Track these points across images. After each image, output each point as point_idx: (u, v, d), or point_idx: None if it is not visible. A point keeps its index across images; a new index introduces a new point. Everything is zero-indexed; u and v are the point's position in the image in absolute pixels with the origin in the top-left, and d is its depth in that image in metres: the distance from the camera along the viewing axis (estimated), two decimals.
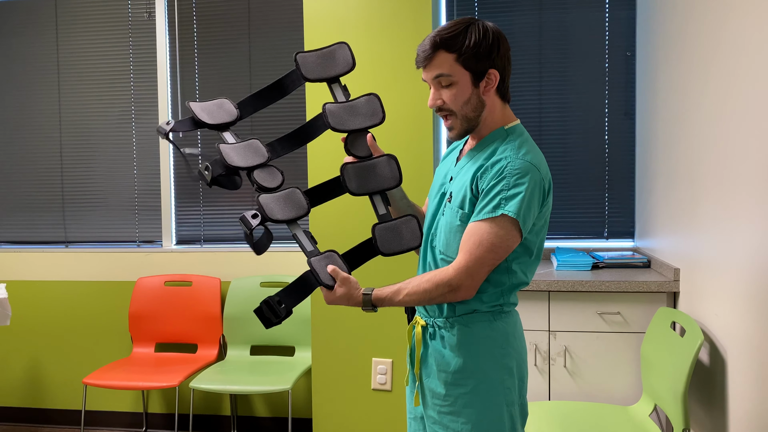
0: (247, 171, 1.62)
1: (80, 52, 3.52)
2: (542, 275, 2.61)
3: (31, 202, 3.61)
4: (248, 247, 3.36)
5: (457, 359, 1.50)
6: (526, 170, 1.41)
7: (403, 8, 2.58)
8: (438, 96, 1.48)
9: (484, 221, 1.41)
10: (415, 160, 2.58)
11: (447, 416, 1.51)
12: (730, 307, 1.93)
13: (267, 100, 1.73)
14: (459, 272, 1.42)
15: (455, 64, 1.44)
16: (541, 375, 2.56)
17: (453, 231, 1.49)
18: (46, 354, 3.53)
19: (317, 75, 1.68)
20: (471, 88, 1.46)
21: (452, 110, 1.48)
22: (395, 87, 2.61)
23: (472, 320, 1.50)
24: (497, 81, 1.47)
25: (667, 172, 2.55)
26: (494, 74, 1.46)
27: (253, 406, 3.34)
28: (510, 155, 1.43)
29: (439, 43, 1.44)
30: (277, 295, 1.53)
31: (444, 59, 1.45)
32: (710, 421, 2.09)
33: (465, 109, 1.47)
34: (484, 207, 1.42)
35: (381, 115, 1.66)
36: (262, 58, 3.34)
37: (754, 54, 1.76)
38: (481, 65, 1.45)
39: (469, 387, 1.49)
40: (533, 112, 3.17)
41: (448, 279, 1.43)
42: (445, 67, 1.45)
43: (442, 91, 1.47)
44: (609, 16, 3.11)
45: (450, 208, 1.51)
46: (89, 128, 3.54)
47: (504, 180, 1.40)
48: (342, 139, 1.66)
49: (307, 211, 1.60)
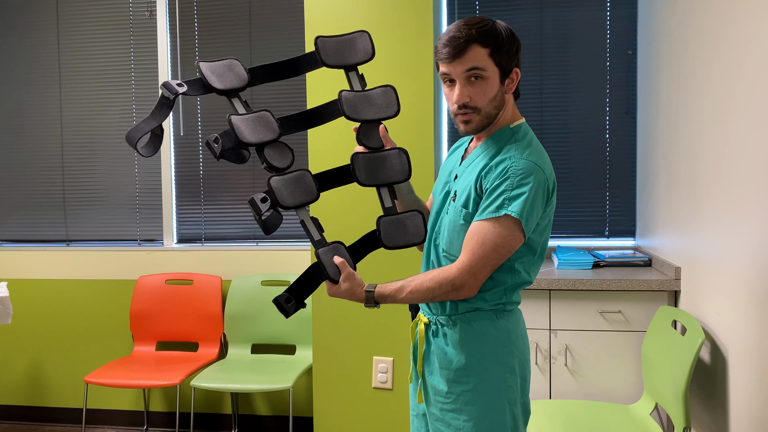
0: (257, 147, 1.56)
1: (81, 50, 3.52)
2: (543, 274, 2.61)
3: (33, 201, 3.61)
4: (249, 246, 3.37)
5: (459, 357, 1.50)
6: (530, 171, 1.41)
7: (404, 7, 2.58)
8: (466, 92, 1.44)
9: (488, 221, 1.41)
10: (415, 160, 2.56)
11: (449, 413, 1.52)
12: (731, 306, 1.93)
13: (277, 75, 1.67)
14: (462, 271, 1.42)
15: (488, 59, 1.43)
16: (542, 373, 2.56)
17: (456, 230, 1.49)
18: (48, 352, 3.53)
19: (336, 61, 1.64)
20: (498, 85, 1.45)
21: (478, 107, 1.45)
22: (396, 85, 2.59)
23: (475, 318, 1.50)
24: (518, 80, 1.48)
25: (668, 170, 2.55)
26: (517, 73, 1.48)
27: (254, 404, 3.34)
28: (514, 155, 1.43)
29: (475, 36, 1.41)
30: (285, 292, 1.52)
31: (479, 53, 1.42)
32: (711, 419, 2.09)
33: (489, 106, 1.46)
34: (488, 207, 1.42)
35: (396, 107, 1.63)
36: (263, 58, 3.34)
37: (756, 52, 1.75)
38: (509, 63, 1.45)
39: (471, 384, 1.49)
40: (534, 110, 3.17)
41: (451, 278, 1.43)
42: (480, 60, 1.42)
43: (468, 87, 1.44)
44: (610, 14, 3.11)
45: (454, 206, 1.51)
46: (90, 127, 3.54)
47: (508, 180, 1.40)
48: (354, 129, 1.63)
49: (317, 196, 1.57)
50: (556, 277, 2.55)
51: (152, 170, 3.48)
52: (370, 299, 1.50)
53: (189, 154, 3.44)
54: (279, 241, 3.38)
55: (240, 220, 3.42)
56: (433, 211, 1.63)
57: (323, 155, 2.64)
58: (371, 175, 1.58)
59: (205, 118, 3.41)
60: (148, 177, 3.49)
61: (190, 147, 3.44)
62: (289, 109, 3.32)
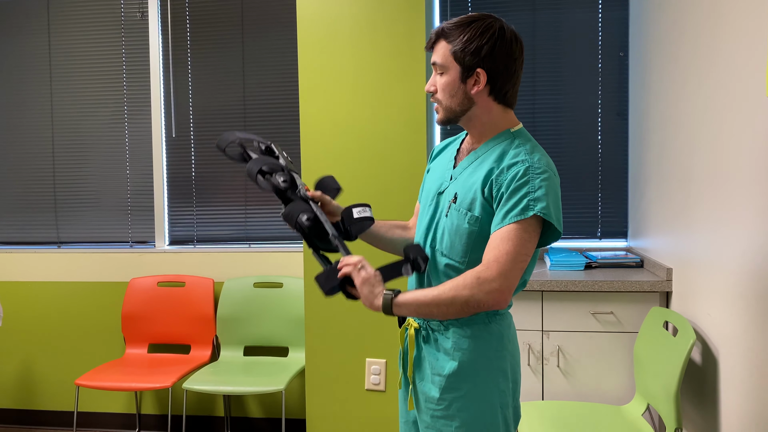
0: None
1: (72, 51, 3.50)
2: (535, 275, 2.62)
3: (23, 203, 3.59)
4: (241, 248, 3.36)
5: (451, 362, 1.48)
6: (546, 170, 1.41)
7: (396, 8, 2.58)
8: (433, 82, 1.51)
9: (516, 224, 1.37)
10: (408, 160, 2.58)
11: (440, 420, 1.49)
12: (722, 307, 1.94)
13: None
14: (489, 268, 1.36)
15: (449, 55, 1.46)
16: (534, 375, 2.57)
17: (460, 233, 1.46)
18: (39, 355, 3.51)
19: None
20: (458, 83, 1.46)
21: (439, 99, 1.50)
22: (389, 86, 2.61)
23: (468, 323, 1.48)
24: (485, 82, 1.44)
25: (660, 172, 2.56)
26: (482, 74, 1.44)
27: (246, 406, 3.33)
28: (527, 158, 1.41)
29: (441, 31, 1.48)
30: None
31: (441, 48, 1.48)
32: (702, 420, 2.10)
33: (450, 101, 1.48)
34: (512, 209, 1.38)
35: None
36: (255, 58, 3.34)
37: (747, 54, 1.76)
38: (468, 61, 1.44)
39: (463, 390, 1.47)
40: (526, 112, 3.18)
41: (476, 272, 1.37)
42: (439, 56, 1.48)
43: (437, 77, 1.50)
44: (602, 16, 3.12)
45: (456, 209, 1.48)
46: (82, 128, 3.52)
47: (529, 182, 1.38)
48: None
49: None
50: (548, 279, 2.55)
51: (144, 172, 3.47)
52: (387, 304, 1.42)
53: (181, 155, 3.43)
54: (271, 242, 3.37)
55: (232, 222, 3.41)
56: (425, 214, 1.59)
57: (317, 166, 2.65)
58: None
59: (197, 119, 3.40)
60: (139, 178, 3.48)
61: (182, 148, 3.43)
62: (284, 122, 3.28)
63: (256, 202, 3.38)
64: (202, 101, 3.40)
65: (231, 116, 3.37)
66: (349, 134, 2.62)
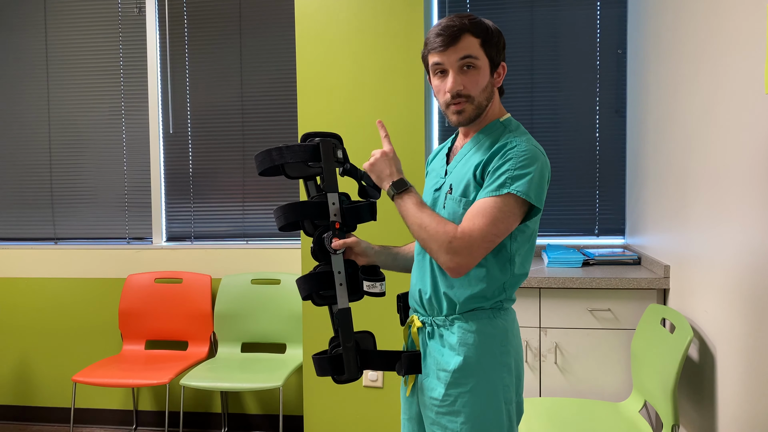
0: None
1: (69, 47, 3.49)
2: (533, 272, 2.62)
3: (20, 199, 3.58)
4: (239, 244, 3.36)
5: (456, 358, 1.48)
6: (533, 153, 1.42)
7: (395, 5, 2.58)
8: (459, 81, 1.46)
9: (490, 198, 1.40)
10: (406, 157, 2.58)
11: (445, 416, 1.49)
12: (719, 304, 1.95)
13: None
14: (463, 235, 1.39)
15: (480, 48, 1.46)
16: (532, 371, 2.57)
17: (457, 220, 1.48)
18: (35, 351, 3.50)
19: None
20: (489, 76, 1.49)
21: (471, 95, 1.47)
22: (387, 83, 2.60)
23: (474, 317, 1.48)
24: (504, 75, 1.52)
25: (658, 169, 2.56)
26: (504, 68, 1.52)
27: (244, 403, 3.33)
28: (515, 140, 1.45)
29: (468, 25, 1.45)
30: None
31: (471, 42, 1.45)
32: (699, 416, 2.10)
33: (481, 96, 1.48)
34: (490, 185, 1.41)
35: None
36: (253, 55, 3.33)
37: (744, 52, 1.76)
38: (497, 56, 1.49)
39: (469, 386, 1.47)
40: (524, 109, 3.18)
41: (452, 233, 1.40)
42: (473, 49, 1.45)
43: (463, 75, 1.46)
44: (600, 13, 3.12)
45: (452, 198, 1.50)
46: (78, 124, 3.51)
47: (510, 161, 1.41)
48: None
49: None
50: (546, 276, 2.55)
51: (141, 168, 3.46)
52: (400, 185, 1.49)
53: (178, 151, 3.43)
54: (268, 239, 3.37)
55: (229, 219, 3.40)
56: None
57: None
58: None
59: (195, 115, 3.40)
60: (137, 174, 3.47)
61: (179, 144, 3.42)
62: (281, 123, 3.27)
63: (254, 199, 3.37)
64: (200, 97, 3.39)
65: (228, 113, 3.36)
66: (347, 132, 2.61)
